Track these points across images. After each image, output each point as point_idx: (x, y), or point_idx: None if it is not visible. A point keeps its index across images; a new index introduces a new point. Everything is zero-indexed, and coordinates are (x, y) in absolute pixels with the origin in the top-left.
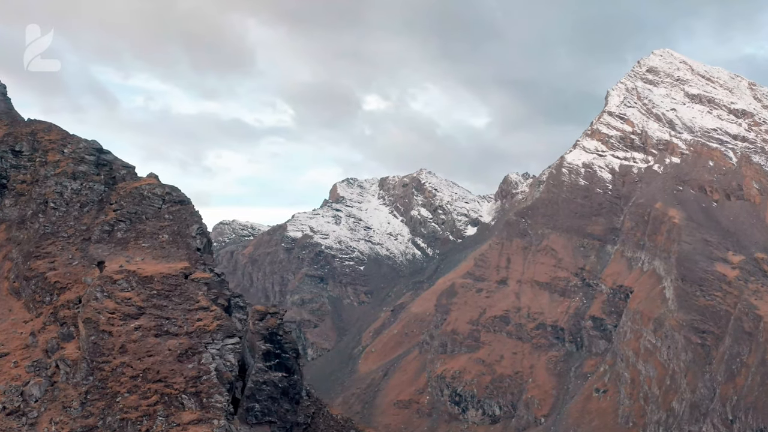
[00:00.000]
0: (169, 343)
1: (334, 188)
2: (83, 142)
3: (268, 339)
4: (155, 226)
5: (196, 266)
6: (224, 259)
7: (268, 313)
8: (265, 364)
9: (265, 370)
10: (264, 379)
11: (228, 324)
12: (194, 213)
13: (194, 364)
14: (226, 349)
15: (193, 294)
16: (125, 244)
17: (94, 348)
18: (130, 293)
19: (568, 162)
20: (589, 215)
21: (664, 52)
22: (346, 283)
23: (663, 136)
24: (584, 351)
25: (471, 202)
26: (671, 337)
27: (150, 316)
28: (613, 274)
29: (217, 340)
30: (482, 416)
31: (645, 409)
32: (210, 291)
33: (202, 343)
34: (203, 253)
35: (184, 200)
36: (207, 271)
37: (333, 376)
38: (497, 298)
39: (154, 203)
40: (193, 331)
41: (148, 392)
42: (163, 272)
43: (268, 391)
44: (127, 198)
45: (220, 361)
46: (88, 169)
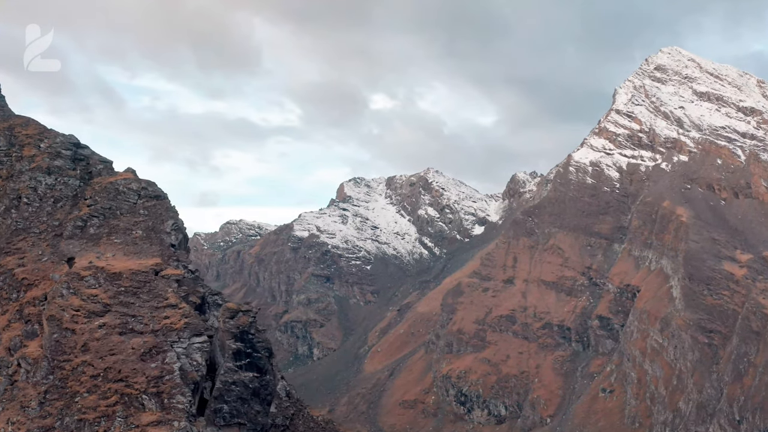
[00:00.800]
0: (133, 342)
1: (341, 187)
2: (60, 136)
3: (238, 338)
4: (129, 222)
5: (169, 262)
6: (231, 259)
7: (240, 311)
8: (235, 363)
9: (234, 370)
10: (233, 380)
11: (196, 322)
12: (170, 208)
13: (157, 364)
14: (193, 348)
15: (162, 291)
16: (97, 240)
17: (56, 346)
18: (97, 290)
19: (575, 160)
20: (596, 214)
21: (672, 50)
22: (353, 283)
23: (671, 134)
24: (591, 351)
25: (478, 201)
26: (678, 336)
27: (115, 313)
28: (620, 273)
29: (184, 338)
30: (488, 416)
31: (651, 409)
32: (181, 288)
33: (168, 342)
34: (178, 249)
35: (161, 195)
36: (180, 267)
37: (338, 375)
38: (503, 297)
39: (130, 198)
40: (159, 329)
41: (108, 392)
42: (133, 268)
43: (238, 392)
44: (101, 193)
45: (185, 360)
46: (64, 163)
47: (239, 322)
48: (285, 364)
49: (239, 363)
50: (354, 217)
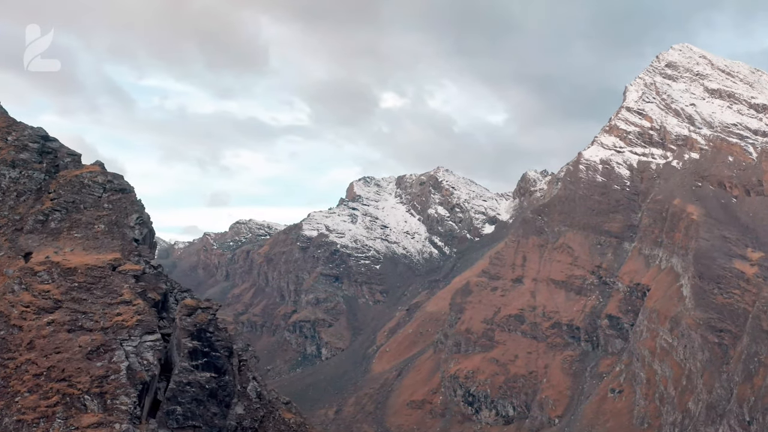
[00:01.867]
0: (80, 340)
1: (351, 187)
2: (28, 129)
3: (195, 336)
4: (92, 216)
5: (129, 257)
6: (240, 259)
7: (199, 308)
8: (191, 363)
9: (190, 369)
10: (188, 380)
11: (149, 319)
12: (135, 202)
13: (104, 363)
14: (145, 347)
15: (117, 287)
16: (57, 234)
17: (2, 343)
18: (50, 285)
19: (585, 158)
20: (606, 212)
21: (683, 47)
22: (362, 282)
23: (682, 132)
24: (600, 350)
25: (489, 200)
26: (688, 336)
27: (66, 310)
28: (630, 272)
29: (135, 336)
30: (496, 417)
31: (661, 409)
32: (138, 284)
33: (117, 340)
34: (141, 245)
35: (126, 188)
36: (141, 262)
37: (346, 375)
38: (512, 296)
39: (95, 192)
40: (110, 327)
41: (49, 392)
42: (89, 264)
43: (193, 393)
44: (66, 186)
45: (135, 359)
46: (30, 156)
47: (197, 319)
48: (293, 364)
49: (195, 362)
50: (363, 217)
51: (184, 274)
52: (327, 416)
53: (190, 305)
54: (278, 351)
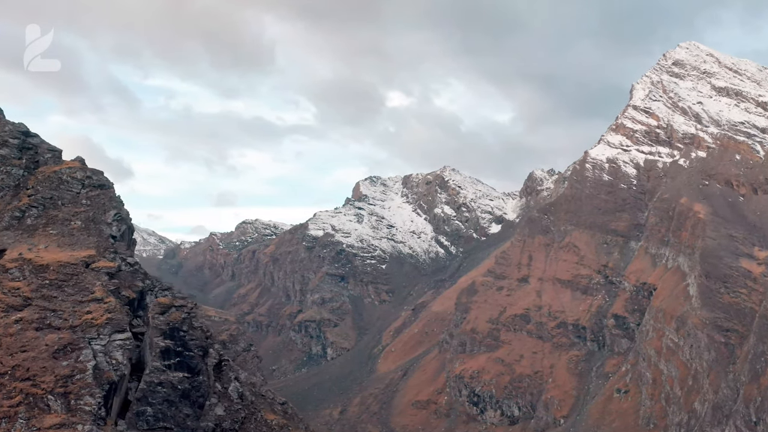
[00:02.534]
0: (48, 338)
1: (357, 186)
2: (9, 125)
3: (168, 335)
4: (69, 212)
5: (104, 254)
6: (246, 259)
7: (173, 306)
8: (163, 363)
9: (162, 369)
10: (160, 380)
11: (120, 317)
12: (114, 198)
13: (70, 362)
14: (114, 346)
15: (89, 284)
16: (33, 231)
17: None
18: (21, 283)
19: (591, 157)
20: (612, 211)
21: (690, 45)
22: (367, 282)
23: (689, 130)
24: (606, 350)
25: (495, 200)
26: (694, 335)
27: (35, 307)
28: (636, 272)
29: (104, 335)
30: (501, 417)
31: (667, 410)
32: (111, 281)
33: (86, 339)
34: (118, 241)
35: (105, 184)
36: (117, 259)
37: (351, 375)
38: (518, 296)
39: (73, 188)
40: (79, 325)
41: (12, 392)
42: (62, 260)
43: (164, 394)
44: (44, 183)
45: (103, 358)
46: (9, 152)
47: (170, 318)
48: (298, 364)
49: (167, 362)
50: (370, 216)
51: (190, 274)
52: (332, 416)
53: (163, 303)
54: (284, 351)
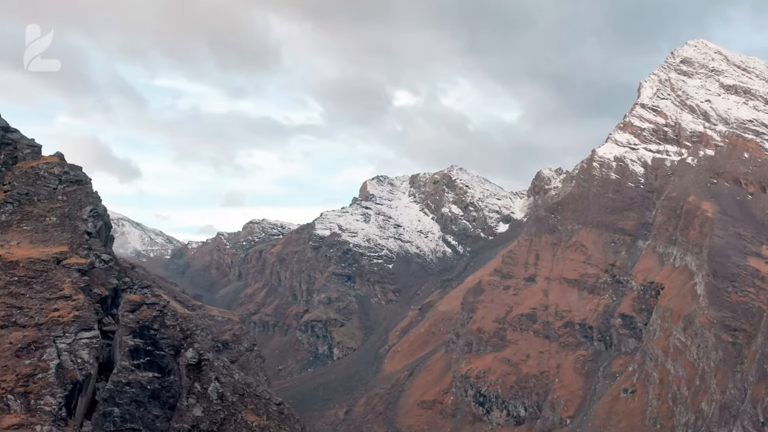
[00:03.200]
0: (12, 336)
1: (364, 186)
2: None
3: (137, 333)
4: (45, 208)
5: (78, 251)
6: (253, 258)
7: (144, 304)
8: (132, 362)
9: (131, 369)
10: (128, 380)
11: (87, 315)
12: (91, 194)
13: (33, 361)
14: (80, 344)
15: (59, 281)
16: (7, 227)
17: None
18: None
19: (599, 156)
20: (620, 210)
21: (698, 43)
22: (374, 282)
23: (697, 128)
24: (613, 350)
25: (503, 199)
26: (701, 335)
27: (1, 305)
28: (643, 271)
29: (70, 333)
30: (507, 417)
31: (673, 410)
32: (82, 278)
33: (51, 337)
34: (93, 237)
35: (82, 180)
36: (91, 256)
37: (357, 375)
38: (525, 295)
39: (50, 183)
40: (44, 323)
41: None
42: (33, 257)
43: (132, 394)
44: (21, 178)
45: (68, 357)
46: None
47: (140, 316)
48: (305, 364)
49: (137, 362)
50: (377, 216)
51: (197, 274)
52: (337, 416)
53: (134, 301)
54: (290, 351)
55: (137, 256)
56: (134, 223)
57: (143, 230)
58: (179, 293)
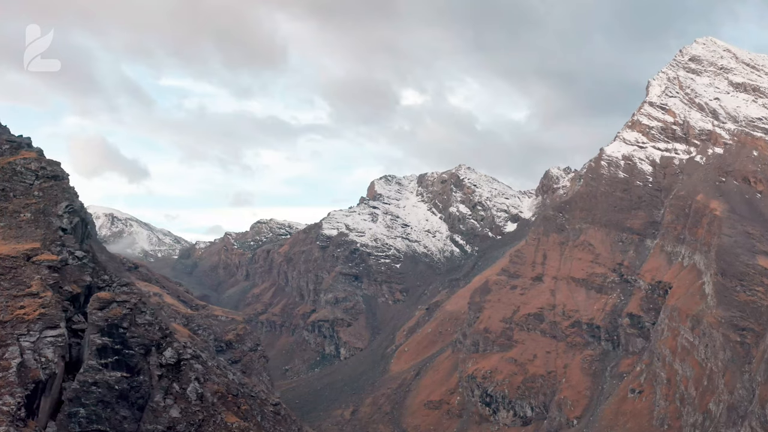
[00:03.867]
0: None
1: (372, 185)
2: None
3: (105, 332)
4: (20, 204)
5: (50, 247)
6: (260, 258)
7: (114, 302)
8: (99, 361)
9: (98, 368)
10: (95, 380)
11: (54, 313)
12: (67, 189)
13: None
14: (45, 343)
15: (27, 278)
16: None
17: None
18: None
19: (607, 154)
20: (628, 209)
21: (707, 40)
22: (381, 282)
23: (706, 126)
24: (621, 350)
25: (511, 198)
26: (709, 334)
27: None
28: (652, 270)
29: (34, 331)
30: (513, 417)
31: (681, 410)
32: (52, 275)
33: (14, 335)
34: (68, 234)
35: (59, 176)
36: (64, 252)
37: (364, 375)
38: (532, 295)
39: (26, 179)
40: (9, 321)
41: None
42: (2, 253)
43: (99, 394)
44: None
45: (31, 356)
46: None
47: (110, 314)
48: (312, 363)
49: (104, 361)
50: (384, 215)
51: (205, 274)
52: (343, 417)
53: (103, 298)
54: (297, 351)
55: (145, 256)
56: (142, 224)
57: (151, 230)
58: (183, 293)
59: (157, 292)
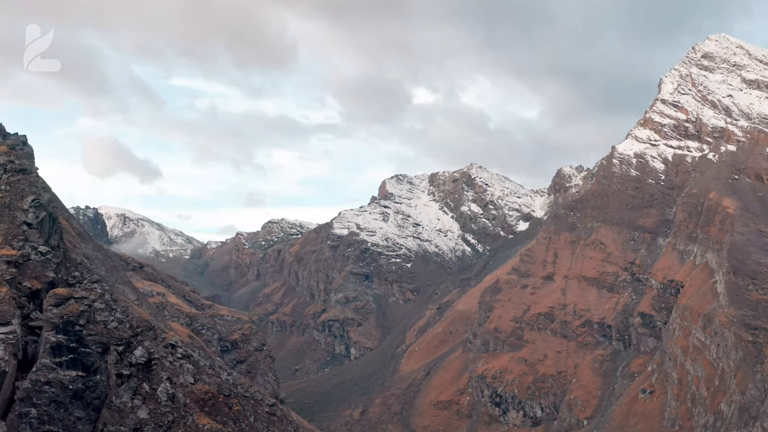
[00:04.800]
0: None
1: (383, 185)
2: None
3: (60, 329)
4: None
5: (12, 242)
6: (271, 258)
7: (72, 298)
8: (53, 359)
9: (51, 367)
10: (47, 379)
11: (6, 309)
12: (34, 183)
13: None
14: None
15: None
16: None
17: None
18: None
19: (619, 152)
20: (640, 207)
21: (719, 37)
22: (392, 281)
23: (718, 124)
24: (632, 349)
25: (523, 197)
26: (721, 334)
27: None
28: (663, 269)
29: None
30: (523, 418)
31: (692, 411)
32: (9, 270)
33: None
34: (33, 228)
35: (27, 169)
36: (27, 248)
37: (374, 375)
38: (542, 294)
39: None
40: None
41: None
42: None
43: (52, 394)
44: None
45: None
46: None
47: (66, 310)
48: (322, 363)
49: (59, 359)
50: (395, 215)
51: (216, 274)
52: (352, 417)
53: (60, 294)
54: (307, 351)
55: (156, 256)
56: (154, 224)
57: (163, 230)
58: (188, 292)
59: (160, 291)
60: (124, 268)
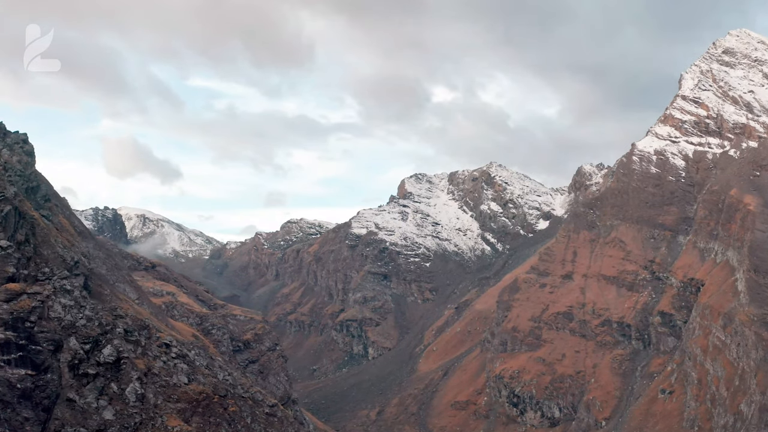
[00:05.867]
0: None
1: (402, 184)
2: None
3: (10, 326)
4: None
5: None
6: (290, 258)
7: (25, 293)
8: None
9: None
10: None
11: None
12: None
13: None
14: None
15: None
16: None
17: None
18: None
19: (639, 150)
20: (660, 205)
21: (740, 32)
22: (411, 281)
23: (739, 120)
24: (651, 349)
25: (543, 196)
26: (741, 333)
27: None
28: (684, 267)
29: None
30: (541, 418)
31: (712, 411)
32: None
33: None
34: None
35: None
36: None
37: (392, 375)
38: (561, 293)
39: None
40: None
41: None
42: None
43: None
44: None
45: None
46: None
47: (17, 306)
48: (340, 363)
49: (7, 357)
50: (414, 214)
51: (235, 274)
52: (369, 417)
53: (12, 290)
54: (325, 351)
55: (176, 256)
56: (173, 224)
57: (182, 231)
58: (201, 292)
59: (171, 291)
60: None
